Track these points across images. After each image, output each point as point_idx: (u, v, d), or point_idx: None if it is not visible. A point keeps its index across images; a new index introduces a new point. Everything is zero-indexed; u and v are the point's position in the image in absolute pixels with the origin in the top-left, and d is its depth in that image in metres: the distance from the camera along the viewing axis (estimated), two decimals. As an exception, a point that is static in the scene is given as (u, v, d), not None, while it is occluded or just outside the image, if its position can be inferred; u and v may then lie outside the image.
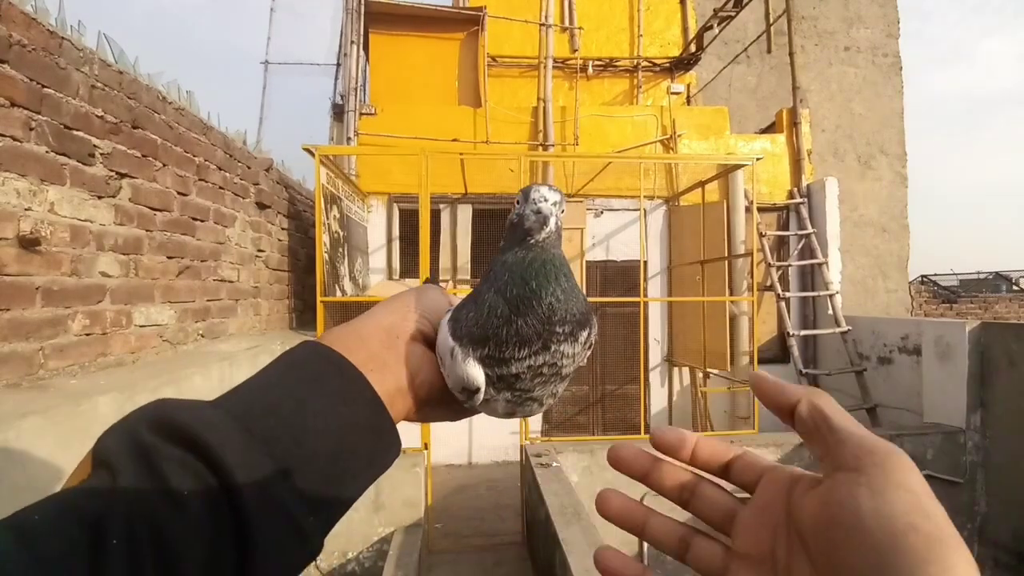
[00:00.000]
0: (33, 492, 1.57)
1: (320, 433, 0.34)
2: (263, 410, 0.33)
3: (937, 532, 0.23)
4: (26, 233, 1.87)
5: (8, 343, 1.82)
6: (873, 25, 8.32)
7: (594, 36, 6.53)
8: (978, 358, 3.90)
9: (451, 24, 6.20)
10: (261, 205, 3.95)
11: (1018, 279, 13.84)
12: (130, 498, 0.28)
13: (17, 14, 1.87)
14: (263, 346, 3.24)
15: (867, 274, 7.50)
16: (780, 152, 5.91)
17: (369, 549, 3.44)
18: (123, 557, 0.26)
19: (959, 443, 3.89)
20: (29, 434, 1.53)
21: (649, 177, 5.50)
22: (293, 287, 4.64)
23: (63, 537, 0.26)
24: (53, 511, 0.27)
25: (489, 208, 5.51)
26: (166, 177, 2.75)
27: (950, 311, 9.27)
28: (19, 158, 1.87)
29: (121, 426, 0.32)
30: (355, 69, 5.49)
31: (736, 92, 8.08)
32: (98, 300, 2.26)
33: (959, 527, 1.73)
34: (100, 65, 2.28)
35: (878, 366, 5.02)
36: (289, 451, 0.32)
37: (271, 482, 0.31)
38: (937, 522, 0.24)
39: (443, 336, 0.41)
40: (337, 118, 5.66)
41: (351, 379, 0.38)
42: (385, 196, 5.39)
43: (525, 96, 6.14)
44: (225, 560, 0.29)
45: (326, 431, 0.34)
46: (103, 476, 0.29)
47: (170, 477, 0.29)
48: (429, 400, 0.43)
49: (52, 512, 0.27)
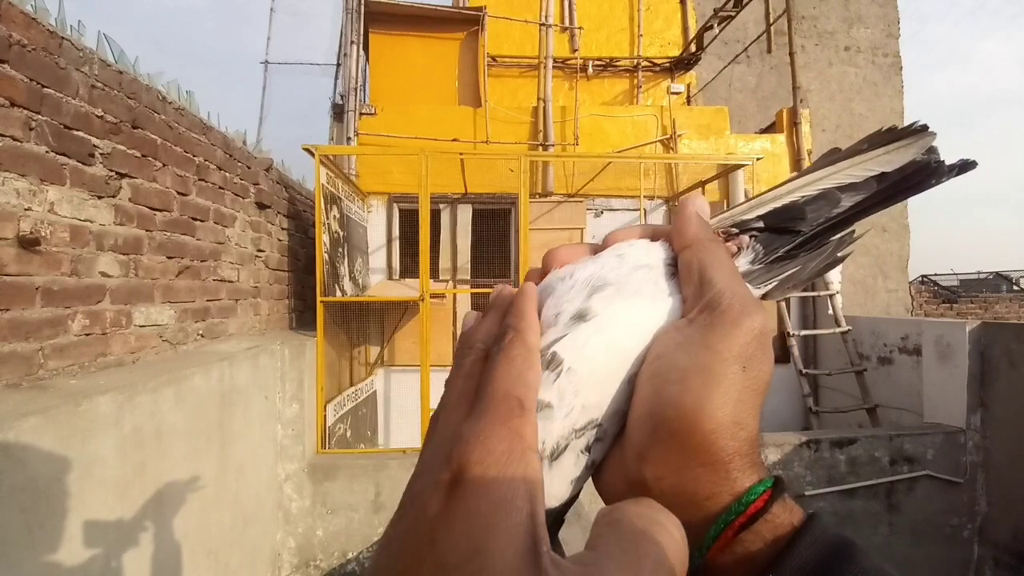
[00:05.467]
0: (33, 492, 1.58)
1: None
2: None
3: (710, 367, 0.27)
4: (26, 233, 1.87)
5: (8, 343, 1.82)
6: (873, 25, 8.32)
7: (594, 36, 6.53)
8: (978, 358, 3.90)
9: (451, 24, 6.20)
10: (261, 205, 3.95)
11: (1018, 279, 13.84)
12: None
13: (17, 14, 1.87)
14: (263, 346, 3.24)
15: (867, 274, 7.50)
16: (780, 152, 5.90)
17: (369, 549, 3.44)
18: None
19: (959, 443, 3.88)
20: (29, 434, 1.53)
21: (649, 177, 5.50)
22: (293, 287, 4.64)
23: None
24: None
25: (489, 208, 5.51)
26: (166, 177, 2.75)
27: (950, 311, 9.26)
28: (19, 158, 1.87)
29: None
30: (355, 69, 5.49)
31: (736, 92, 8.08)
32: (98, 300, 2.26)
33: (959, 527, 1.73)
34: (100, 65, 2.28)
35: (878, 366, 5.01)
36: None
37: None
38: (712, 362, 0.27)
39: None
40: (337, 118, 5.65)
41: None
42: (385, 196, 5.39)
43: (525, 96, 6.14)
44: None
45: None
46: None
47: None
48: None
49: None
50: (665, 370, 0.28)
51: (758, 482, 0.27)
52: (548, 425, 0.28)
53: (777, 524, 0.26)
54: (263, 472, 3.18)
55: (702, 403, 0.26)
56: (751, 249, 0.36)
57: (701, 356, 0.27)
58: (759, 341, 0.28)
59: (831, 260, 0.37)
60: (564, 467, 0.28)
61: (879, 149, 0.35)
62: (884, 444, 3.82)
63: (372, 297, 4.93)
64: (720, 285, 0.29)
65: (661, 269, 0.32)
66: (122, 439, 1.93)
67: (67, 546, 1.65)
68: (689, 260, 0.31)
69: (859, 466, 3.79)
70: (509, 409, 0.24)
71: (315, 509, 3.43)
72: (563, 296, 0.31)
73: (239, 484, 2.84)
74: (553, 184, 5.50)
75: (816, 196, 0.36)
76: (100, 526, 1.81)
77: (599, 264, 0.32)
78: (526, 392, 0.25)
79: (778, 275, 0.36)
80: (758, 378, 0.27)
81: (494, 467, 0.22)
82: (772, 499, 0.26)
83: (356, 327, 4.74)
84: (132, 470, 1.98)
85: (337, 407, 3.98)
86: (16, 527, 1.48)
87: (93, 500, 1.78)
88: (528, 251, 4.26)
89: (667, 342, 0.29)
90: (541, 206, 5.44)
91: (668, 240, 0.34)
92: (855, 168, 0.35)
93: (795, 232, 0.36)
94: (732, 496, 0.27)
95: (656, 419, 0.27)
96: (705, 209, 0.34)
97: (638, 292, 0.31)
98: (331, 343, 3.99)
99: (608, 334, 0.29)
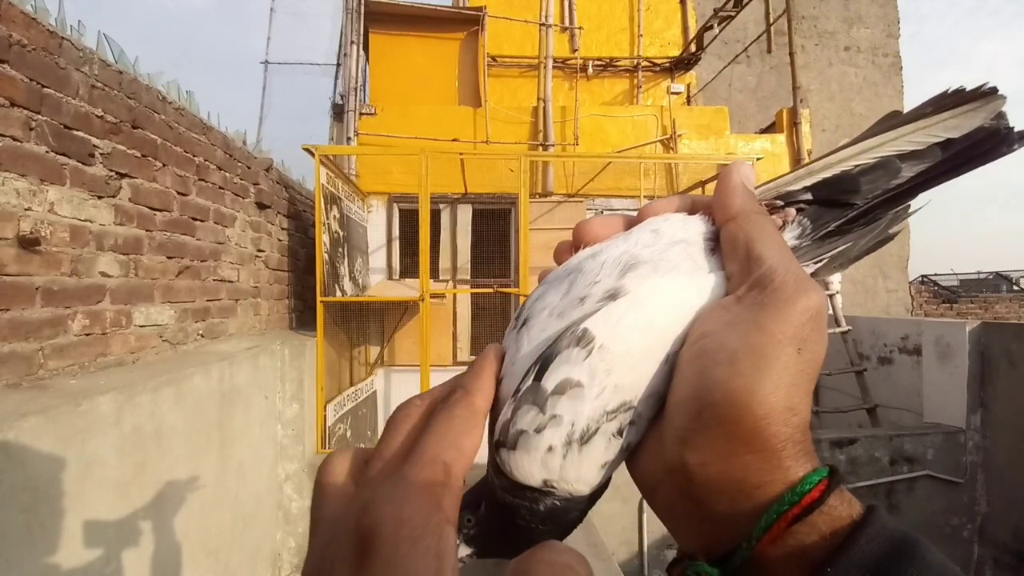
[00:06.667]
0: (33, 492, 1.58)
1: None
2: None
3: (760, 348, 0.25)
4: (26, 233, 1.87)
5: (8, 343, 1.82)
6: (873, 25, 8.33)
7: (594, 36, 6.53)
8: (978, 358, 3.90)
9: (451, 24, 6.20)
10: (261, 205, 3.95)
11: (1018, 279, 13.84)
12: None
13: (17, 14, 1.87)
14: (263, 346, 3.24)
15: (867, 274, 7.50)
16: (780, 152, 5.90)
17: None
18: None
19: (959, 443, 3.89)
20: (29, 434, 1.53)
21: (649, 177, 5.50)
22: (293, 287, 4.64)
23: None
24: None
25: (489, 208, 5.51)
26: (166, 177, 2.75)
27: (950, 311, 9.26)
28: (19, 158, 1.87)
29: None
30: (355, 69, 5.48)
31: (736, 92, 8.08)
32: (98, 300, 2.26)
33: (959, 527, 1.73)
34: (100, 65, 2.28)
35: (878, 366, 5.01)
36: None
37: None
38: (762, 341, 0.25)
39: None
40: (337, 118, 5.65)
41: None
42: (385, 196, 5.39)
43: (525, 96, 6.14)
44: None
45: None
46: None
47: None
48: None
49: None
50: (712, 350, 0.26)
51: (812, 471, 0.25)
52: (577, 406, 0.26)
53: (835, 516, 0.24)
54: (263, 472, 3.18)
55: (753, 387, 0.24)
56: (797, 223, 0.33)
57: (752, 336, 0.25)
58: (815, 322, 0.26)
59: (883, 237, 0.35)
60: (594, 451, 0.27)
61: (945, 113, 0.32)
62: (884, 444, 3.82)
63: (372, 297, 4.93)
64: (771, 261, 0.27)
65: (700, 244, 0.31)
66: (122, 439, 1.93)
67: (67, 546, 1.65)
68: (734, 234, 0.29)
69: (859, 466, 3.79)
70: (433, 475, 0.23)
71: (315, 509, 3.43)
72: (593, 274, 0.30)
73: (239, 484, 2.84)
74: (553, 184, 5.50)
75: (873, 165, 0.33)
76: (100, 526, 1.81)
77: (632, 241, 0.31)
78: (457, 458, 0.24)
79: (828, 252, 0.34)
80: (813, 361, 0.26)
81: (406, 541, 0.21)
82: (829, 489, 0.25)
83: (356, 327, 4.74)
84: (132, 470, 1.98)
85: (337, 407, 3.98)
86: (16, 527, 1.48)
87: (93, 500, 1.78)
88: (528, 251, 4.26)
89: (713, 320, 0.27)
90: (541, 206, 5.44)
91: (708, 212, 0.32)
92: (917, 134, 0.32)
93: (847, 205, 0.33)
94: (785, 485, 0.25)
95: (702, 402, 0.25)
96: (751, 179, 0.32)
97: (675, 268, 0.30)
98: (331, 343, 3.99)
99: (644, 311, 0.28)
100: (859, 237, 0.34)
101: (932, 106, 0.32)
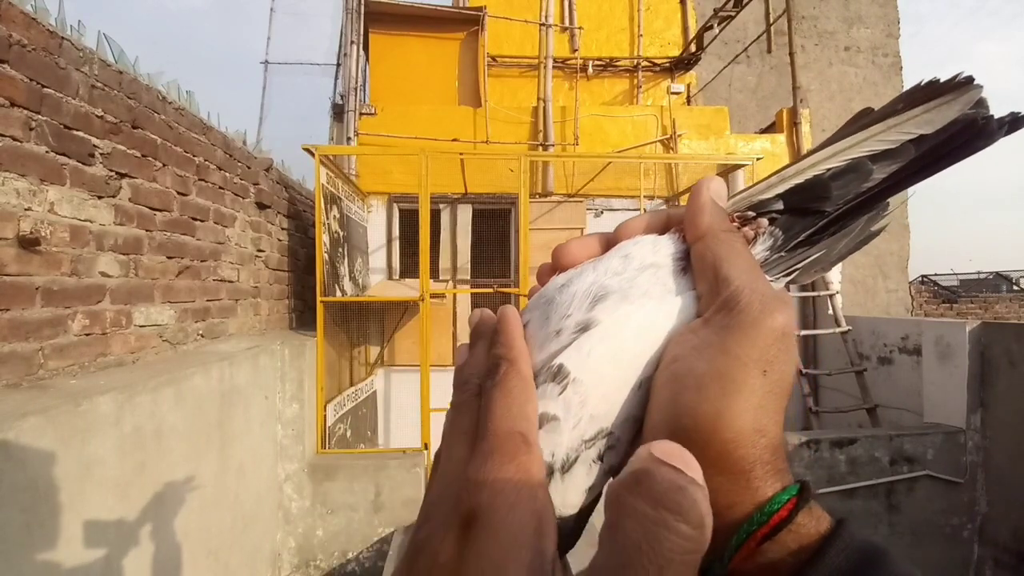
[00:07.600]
0: (33, 492, 1.58)
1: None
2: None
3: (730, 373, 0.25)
4: (26, 233, 1.87)
5: (8, 343, 1.82)
6: (873, 25, 8.33)
7: (594, 36, 6.53)
8: (978, 358, 3.90)
9: (451, 24, 6.20)
10: (261, 205, 3.95)
11: (1018, 279, 13.84)
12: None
13: (17, 14, 1.87)
14: (263, 346, 3.24)
15: (867, 274, 7.50)
16: (780, 152, 5.90)
17: (369, 549, 3.44)
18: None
19: (959, 443, 3.88)
20: (29, 434, 1.53)
21: (649, 177, 5.49)
22: (293, 287, 4.64)
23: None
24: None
25: (489, 208, 5.51)
26: (166, 177, 2.75)
27: (950, 311, 9.27)
28: (19, 158, 1.87)
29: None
30: (355, 69, 5.48)
31: (736, 92, 8.08)
32: (98, 300, 2.26)
33: (959, 527, 1.73)
34: (100, 65, 2.28)
35: (878, 366, 5.01)
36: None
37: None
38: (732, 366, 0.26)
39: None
40: (337, 118, 5.65)
41: None
42: (385, 196, 5.39)
43: (525, 96, 6.14)
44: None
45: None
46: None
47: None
48: None
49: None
50: (682, 375, 0.26)
51: (782, 490, 0.26)
52: (555, 438, 0.27)
53: (803, 534, 0.25)
54: (263, 472, 3.18)
55: (720, 411, 0.25)
56: (770, 235, 0.32)
57: (718, 361, 0.26)
58: (781, 343, 0.26)
59: (864, 236, 0.33)
60: (576, 478, 0.27)
61: (917, 108, 0.30)
62: (884, 444, 3.82)
63: (372, 297, 4.93)
64: (737, 282, 0.27)
65: (670, 266, 0.31)
66: (122, 439, 1.93)
67: (67, 546, 1.65)
68: (702, 254, 0.29)
69: (859, 466, 3.79)
70: (515, 447, 0.24)
71: (315, 509, 3.43)
72: (565, 306, 0.30)
73: (239, 484, 2.84)
74: (553, 184, 5.50)
75: (844, 169, 0.31)
76: (100, 526, 1.81)
77: (601, 270, 0.31)
78: (529, 427, 0.25)
79: (800, 262, 0.33)
80: (780, 381, 0.26)
81: (503, 508, 0.22)
82: (797, 508, 0.25)
83: (356, 327, 4.74)
84: (132, 470, 1.98)
85: (337, 407, 3.98)
86: (16, 527, 1.48)
87: (93, 500, 1.78)
88: (528, 251, 4.26)
89: (682, 345, 0.28)
90: (541, 206, 5.44)
91: (681, 228, 0.32)
92: (889, 132, 0.31)
93: (818, 213, 0.32)
94: (754, 505, 0.26)
95: (672, 427, 0.26)
96: (721, 193, 0.32)
97: (645, 295, 0.29)
98: (331, 343, 3.99)
99: (613, 341, 0.28)
100: (832, 244, 0.33)
101: (904, 101, 0.31)
